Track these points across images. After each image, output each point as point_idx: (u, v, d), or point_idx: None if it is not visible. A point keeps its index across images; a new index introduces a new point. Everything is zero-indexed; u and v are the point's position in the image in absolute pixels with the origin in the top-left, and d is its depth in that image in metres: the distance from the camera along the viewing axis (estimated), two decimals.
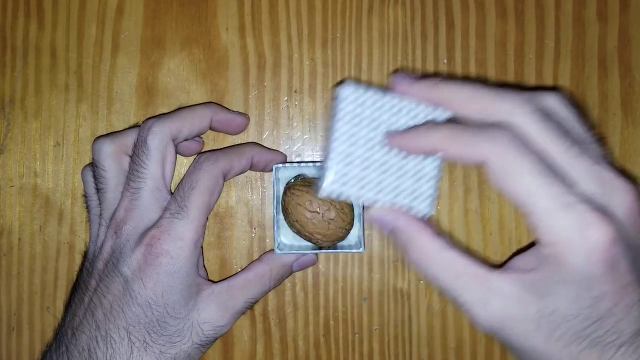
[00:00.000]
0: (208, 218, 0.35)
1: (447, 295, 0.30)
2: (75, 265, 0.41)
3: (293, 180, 0.38)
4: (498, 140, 0.27)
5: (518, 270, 0.30)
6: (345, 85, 0.30)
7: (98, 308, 0.33)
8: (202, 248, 0.40)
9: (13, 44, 0.42)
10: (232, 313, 0.35)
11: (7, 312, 0.41)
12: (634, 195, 0.29)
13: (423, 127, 0.30)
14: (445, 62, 0.41)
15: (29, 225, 0.42)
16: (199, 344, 0.34)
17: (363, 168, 0.30)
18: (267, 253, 0.38)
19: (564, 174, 0.28)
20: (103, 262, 0.35)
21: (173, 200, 0.35)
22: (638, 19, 0.41)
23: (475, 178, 0.40)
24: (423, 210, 0.31)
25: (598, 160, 0.28)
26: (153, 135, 0.35)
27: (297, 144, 0.41)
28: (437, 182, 0.31)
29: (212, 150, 0.37)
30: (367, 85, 0.30)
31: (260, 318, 0.41)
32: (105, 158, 0.36)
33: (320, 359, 0.41)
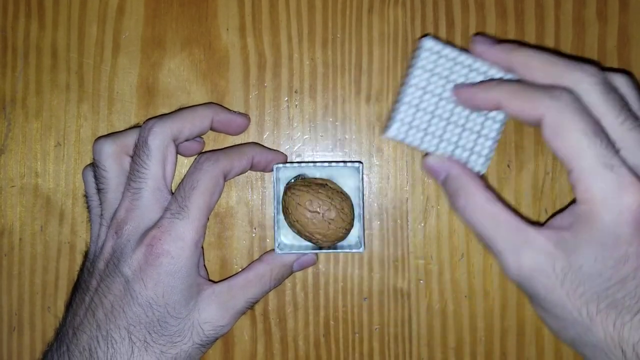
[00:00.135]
0: (208, 218, 0.35)
1: (483, 243, 0.32)
2: (76, 265, 0.41)
3: (293, 180, 0.38)
4: (558, 98, 0.30)
5: (553, 227, 0.31)
6: (428, 38, 0.33)
7: (99, 308, 0.34)
8: (202, 248, 0.40)
9: (14, 44, 0.42)
10: (232, 313, 0.35)
11: (7, 311, 0.41)
12: None
13: (489, 82, 0.33)
14: None
15: (30, 225, 0.42)
16: (200, 344, 0.34)
17: (429, 117, 0.33)
18: (267, 253, 0.38)
19: (615, 142, 0.30)
20: (104, 261, 0.35)
21: (173, 200, 0.35)
22: (637, 18, 0.41)
23: None
24: (476, 167, 0.34)
25: None
26: (154, 136, 0.35)
27: (297, 144, 0.41)
28: (494, 142, 0.34)
29: (212, 150, 0.37)
30: (446, 42, 0.33)
31: (261, 318, 0.41)
32: (106, 158, 0.36)
33: (320, 359, 0.41)
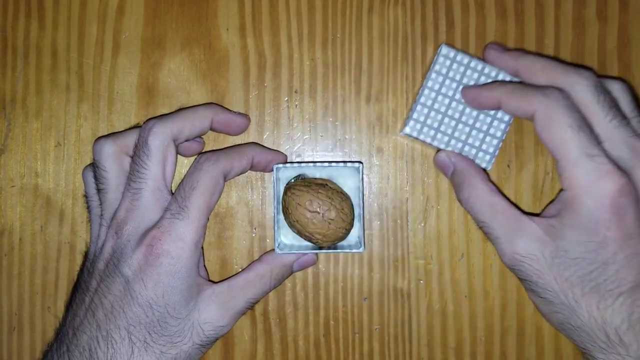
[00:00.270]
0: (208, 218, 0.35)
1: (483, 230, 0.36)
2: (76, 265, 0.41)
3: (293, 180, 0.38)
4: (549, 96, 0.33)
5: (544, 216, 0.35)
6: (445, 45, 0.37)
7: (99, 308, 0.34)
8: (202, 248, 0.40)
9: (14, 44, 0.42)
10: (232, 313, 0.35)
11: (7, 311, 0.41)
12: None
13: (492, 83, 0.37)
14: None
15: (30, 225, 0.42)
16: (199, 344, 0.34)
17: (442, 116, 0.37)
18: (267, 253, 0.38)
19: (603, 137, 0.33)
20: (104, 262, 0.35)
21: (173, 201, 0.35)
22: (637, 19, 0.41)
23: None
24: (482, 164, 0.37)
25: (636, 135, 0.33)
26: (154, 136, 0.35)
27: (297, 144, 0.41)
28: (500, 141, 0.37)
29: (212, 150, 0.37)
30: (461, 50, 0.37)
31: (261, 318, 0.41)
32: (106, 158, 0.36)
33: (320, 359, 0.41)
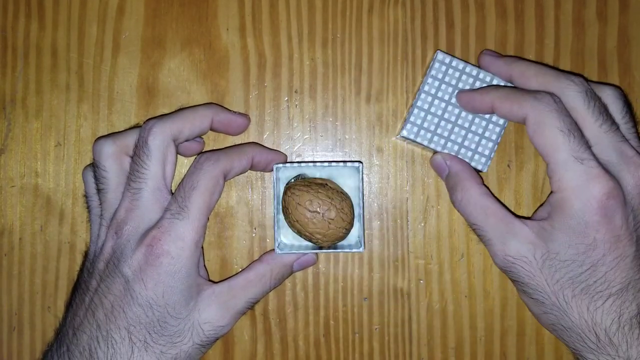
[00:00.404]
0: (208, 218, 0.35)
1: (476, 233, 0.36)
2: (76, 265, 0.41)
3: (293, 180, 0.38)
4: (540, 100, 0.33)
5: (535, 218, 0.35)
6: (440, 51, 0.37)
7: (99, 308, 0.34)
8: (202, 248, 0.40)
9: (14, 44, 0.42)
10: (232, 313, 0.35)
11: (7, 311, 0.41)
12: None
13: (486, 87, 0.37)
14: None
15: (30, 225, 0.42)
16: (199, 344, 0.34)
17: (439, 120, 0.37)
18: (267, 253, 0.38)
19: (592, 141, 0.33)
20: (104, 262, 0.35)
21: (173, 201, 0.35)
22: (637, 19, 0.41)
23: None
24: (478, 166, 0.38)
25: (625, 140, 0.34)
26: (154, 136, 0.35)
27: (297, 144, 0.41)
28: (495, 144, 0.38)
29: (212, 150, 0.37)
30: (456, 57, 0.38)
31: (261, 318, 0.41)
32: (106, 158, 0.36)
33: (320, 359, 0.41)
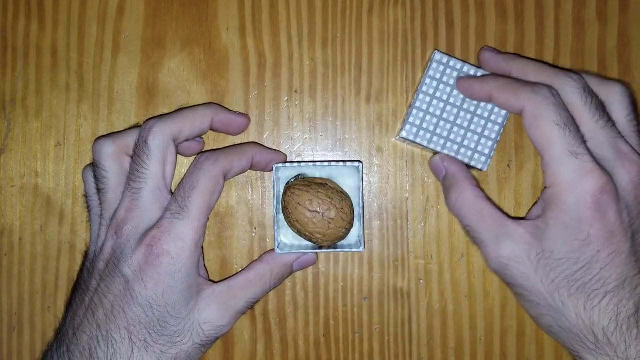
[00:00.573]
0: (208, 218, 0.35)
1: (469, 235, 0.36)
2: (76, 265, 0.41)
3: (293, 180, 0.38)
4: (538, 93, 0.33)
5: (529, 218, 0.35)
6: (438, 52, 0.37)
7: (99, 308, 0.34)
8: (202, 248, 0.40)
9: (14, 44, 0.42)
10: (232, 313, 0.35)
11: (7, 311, 0.41)
12: None
13: (486, 76, 0.37)
14: None
15: (30, 225, 0.42)
16: (200, 344, 0.34)
17: (438, 120, 0.37)
18: (267, 252, 0.38)
19: (588, 136, 0.33)
20: (104, 262, 0.35)
21: (173, 200, 0.35)
22: (637, 19, 0.41)
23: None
24: (478, 165, 0.37)
25: (621, 136, 0.33)
26: (154, 136, 0.35)
27: (297, 144, 0.41)
28: (495, 142, 0.37)
29: (212, 150, 0.37)
30: (454, 57, 0.37)
31: (261, 317, 0.41)
32: (106, 158, 0.36)
33: (320, 359, 0.41)
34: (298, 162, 0.41)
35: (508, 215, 0.35)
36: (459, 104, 0.37)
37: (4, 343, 0.41)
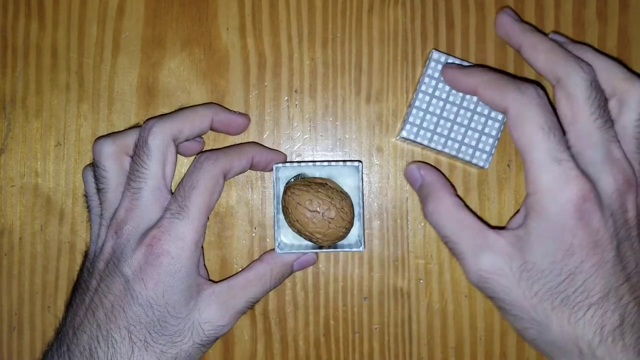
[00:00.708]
0: (208, 218, 0.35)
1: (448, 246, 0.34)
2: (76, 265, 0.41)
3: (293, 180, 0.38)
4: (524, 92, 0.32)
5: (510, 228, 0.33)
6: (435, 50, 0.37)
7: (99, 307, 0.34)
8: (202, 247, 0.40)
9: (14, 44, 0.42)
10: (232, 312, 0.35)
11: (7, 311, 0.41)
12: (628, 178, 0.31)
13: (472, 67, 0.35)
14: None
15: (30, 225, 0.42)
16: (200, 344, 0.34)
17: (437, 119, 0.37)
18: (267, 252, 0.38)
19: (580, 134, 0.31)
20: (104, 261, 0.35)
21: (173, 200, 0.35)
22: (637, 19, 0.41)
23: (475, 178, 0.41)
24: (480, 163, 0.37)
25: (616, 140, 0.32)
26: (154, 135, 0.35)
27: (297, 144, 0.41)
28: (496, 140, 0.37)
29: (212, 150, 0.37)
30: (452, 55, 0.37)
31: (261, 317, 0.41)
32: (106, 158, 0.36)
33: (320, 359, 0.41)
34: (298, 162, 0.41)
35: (489, 225, 0.33)
36: (459, 102, 0.37)
37: (4, 343, 0.41)
